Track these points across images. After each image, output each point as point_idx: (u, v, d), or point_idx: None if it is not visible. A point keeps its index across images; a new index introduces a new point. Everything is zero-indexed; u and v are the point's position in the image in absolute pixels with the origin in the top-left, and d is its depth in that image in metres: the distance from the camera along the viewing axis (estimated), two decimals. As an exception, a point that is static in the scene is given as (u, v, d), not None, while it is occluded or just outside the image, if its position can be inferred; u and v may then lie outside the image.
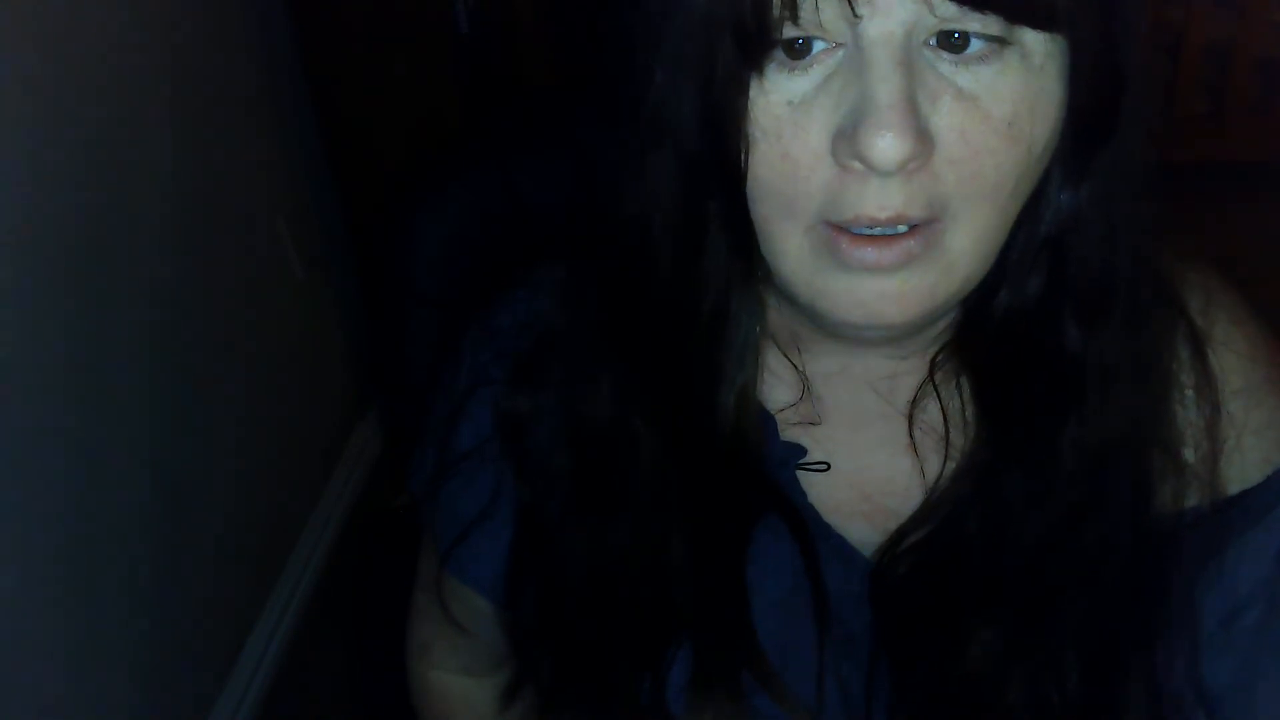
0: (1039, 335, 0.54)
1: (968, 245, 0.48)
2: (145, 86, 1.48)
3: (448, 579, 0.69)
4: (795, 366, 0.59)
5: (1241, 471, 0.57)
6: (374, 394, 2.17)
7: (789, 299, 0.53)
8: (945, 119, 0.45)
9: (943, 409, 0.57)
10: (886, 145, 0.43)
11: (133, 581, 1.41)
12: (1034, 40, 0.45)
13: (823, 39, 0.45)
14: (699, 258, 0.51)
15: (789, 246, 0.49)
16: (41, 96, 1.25)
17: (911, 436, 0.58)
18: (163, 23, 1.53)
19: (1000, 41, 0.45)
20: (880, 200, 0.45)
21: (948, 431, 0.58)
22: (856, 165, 0.45)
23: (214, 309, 1.63)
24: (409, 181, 0.95)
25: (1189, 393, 0.56)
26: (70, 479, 1.29)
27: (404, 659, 0.81)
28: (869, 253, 0.47)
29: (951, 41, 0.44)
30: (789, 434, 0.60)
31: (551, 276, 0.63)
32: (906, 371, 0.59)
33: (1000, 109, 0.45)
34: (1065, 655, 0.56)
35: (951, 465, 0.58)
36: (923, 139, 0.44)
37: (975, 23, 0.44)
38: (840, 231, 0.47)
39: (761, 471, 0.59)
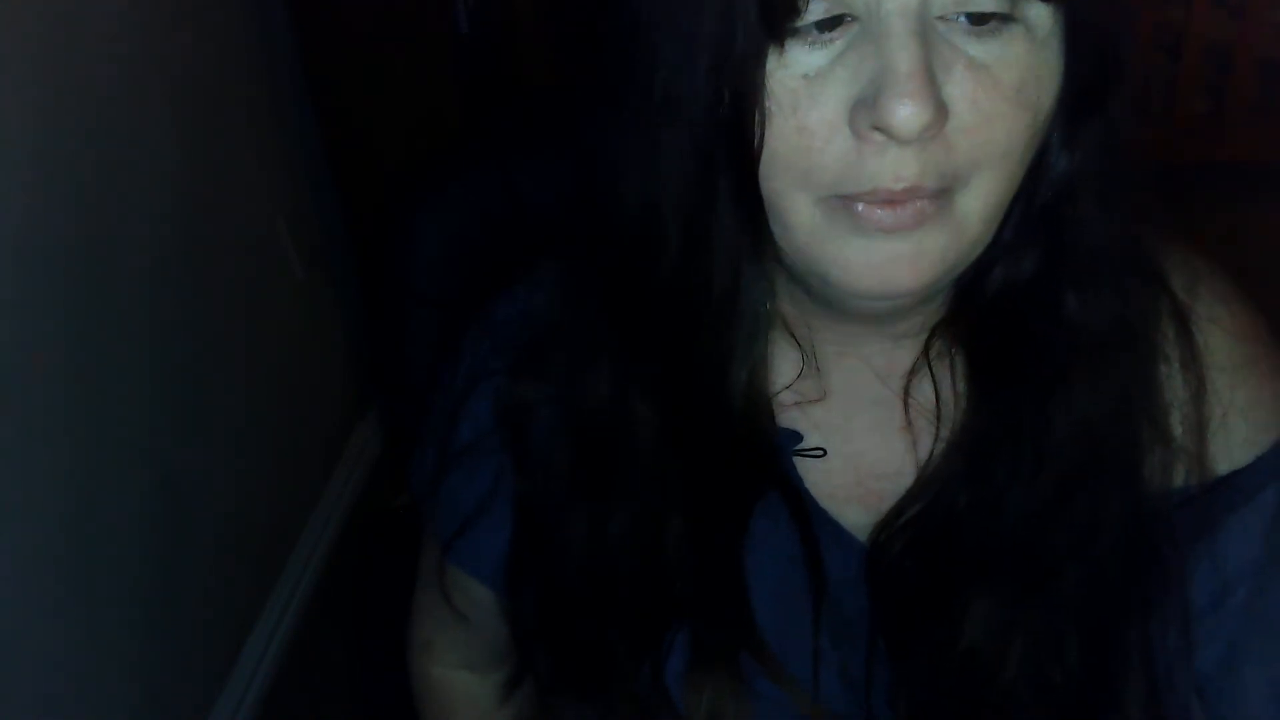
0: (1033, 307, 0.55)
1: (977, 208, 0.49)
2: (145, 86, 1.48)
3: (450, 570, 0.69)
4: (801, 345, 0.60)
5: (1228, 452, 0.57)
6: (374, 394, 2.17)
7: (799, 275, 0.54)
8: (958, 88, 0.46)
9: (935, 386, 0.58)
10: (909, 113, 0.44)
11: (133, 581, 1.41)
12: (1038, 13, 0.47)
13: (842, 12, 0.46)
14: (709, 236, 0.52)
15: (801, 219, 0.49)
16: (41, 96, 1.25)
17: (907, 416, 0.59)
18: (162, 23, 1.53)
19: (1008, 14, 0.46)
20: (896, 171, 0.46)
21: (939, 408, 0.58)
22: (876, 136, 0.46)
23: (214, 309, 1.63)
24: (409, 181, 0.95)
25: (1174, 366, 0.57)
26: (70, 479, 1.29)
27: (405, 658, 0.82)
28: (885, 215, 0.48)
29: (961, 14, 0.46)
30: (785, 416, 0.61)
31: (551, 270, 0.63)
32: (903, 351, 0.59)
33: (1009, 76, 0.46)
34: (1063, 630, 0.56)
35: (943, 444, 0.58)
36: (940, 107, 0.45)
37: None
38: (853, 200, 0.48)
39: (763, 452, 0.59)
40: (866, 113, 0.45)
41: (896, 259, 0.49)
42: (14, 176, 1.19)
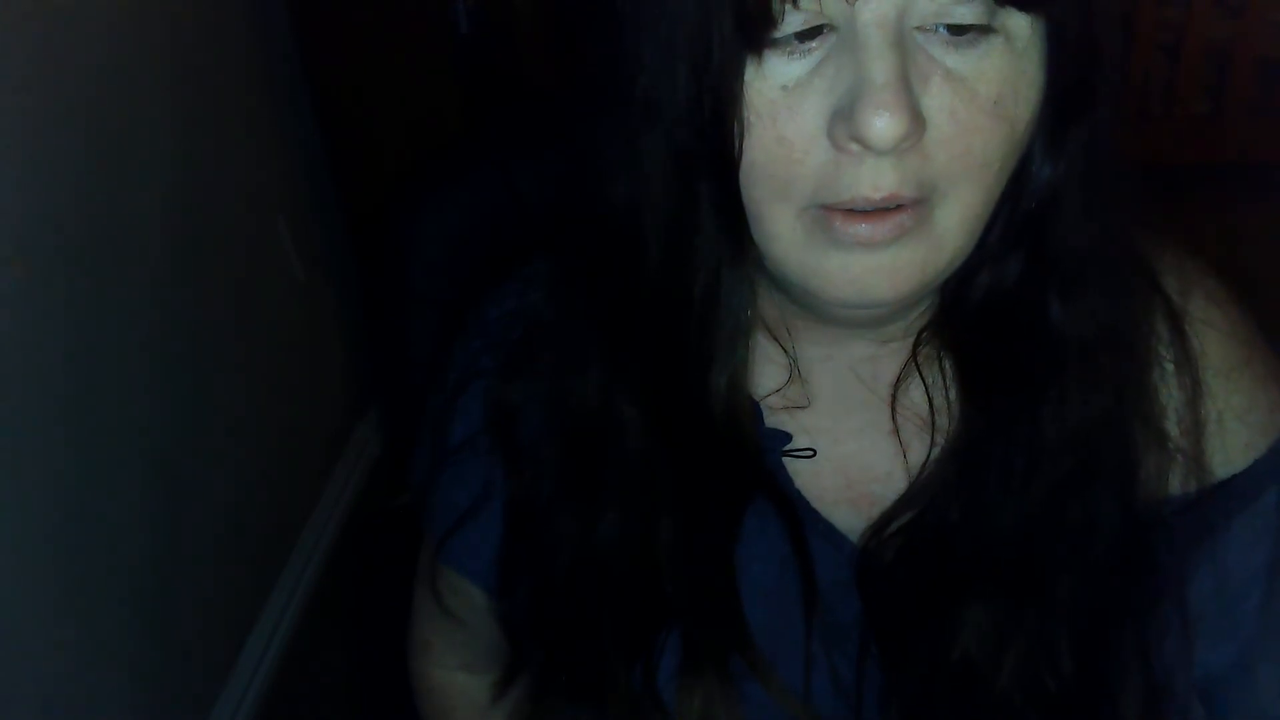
0: (1019, 313, 0.54)
1: (956, 222, 0.49)
2: (145, 86, 1.48)
3: (443, 570, 0.69)
4: (785, 350, 0.60)
5: (1225, 456, 0.57)
6: (374, 394, 2.17)
7: (780, 282, 0.54)
8: (935, 99, 0.46)
9: (927, 391, 0.58)
10: (884, 124, 0.44)
11: (133, 581, 1.41)
12: (1018, 23, 0.46)
13: (820, 23, 0.46)
14: (690, 241, 0.52)
15: (782, 229, 0.49)
16: (42, 98, 1.25)
17: (894, 421, 0.59)
18: (163, 23, 1.53)
19: (987, 25, 0.46)
20: (874, 181, 0.46)
21: (933, 414, 0.58)
22: (853, 146, 0.46)
23: (214, 309, 1.63)
24: (409, 182, 0.95)
25: (1169, 368, 0.57)
26: (70, 479, 1.29)
27: (404, 658, 0.82)
28: (863, 228, 0.48)
29: (940, 25, 0.46)
30: (774, 419, 0.61)
31: (542, 268, 0.63)
32: (889, 355, 0.59)
33: (987, 89, 0.46)
34: (1057, 636, 0.56)
35: (936, 449, 0.58)
36: (917, 118, 0.45)
37: (963, 6, 0.45)
38: (833, 211, 0.48)
39: (751, 456, 0.59)
40: (844, 124, 0.45)
41: (875, 270, 0.49)
42: (13, 177, 1.19)
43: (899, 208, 0.48)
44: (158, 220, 1.49)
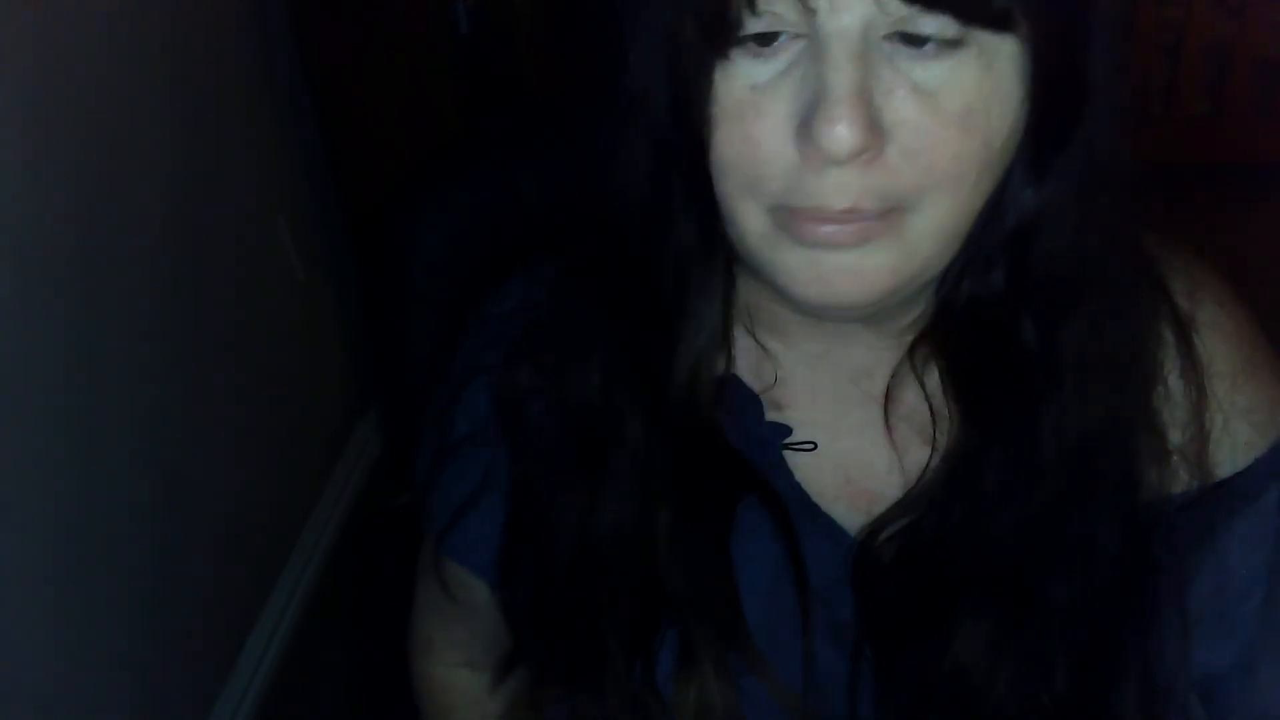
0: (1001, 327, 0.54)
1: (929, 231, 0.49)
2: (144, 86, 1.48)
3: (445, 563, 0.69)
4: (763, 347, 0.60)
5: (1230, 455, 0.58)
6: (374, 394, 2.17)
7: (758, 277, 0.55)
8: (898, 112, 0.46)
9: (926, 397, 0.58)
10: (838, 135, 0.44)
11: (133, 581, 1.41)
12: (990, 40, 0.46)
13: (784, 30, 0.46)
14: (667, 235, 0.53)
15: (750, 224, 0.50)
16: (40, 98, 1.25)
17: (888, 423, 0.59)
18: (163, 23, 1.53)
19: (957, 38, 0.45)
20: (837, 191, 0.47)
21: (934, 419, 0.58)
22: (817, 154, 0.46)
23: (214, 309, 1.63)
24: (409, 182, 0.95)
25: (1174, 376, 0.57)
26: (70, 479, 1.29)
27: (405, 658, 0.82)
28: (828, 230, 0.48)
29: (908, 37, 0.45)
30: (772, 414, 0.61)
31: (546, 266, 0.64)
32: (884, 359, 0.59)
33: (954, 102, 0.46)
34: (1053, 650, 0.56)
35: (936, 454, 0.58)
36: (874, 131, 0.45)
37: (929, 22, 0.45)
38: (798, 213, 0.48)
39: (741, 452, 0.59)
40: (806, 131, 0.46)
41: (841, 271, 0.49)
42: (12, 177, 1.19)
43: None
44: (158, 220, 1.49)
